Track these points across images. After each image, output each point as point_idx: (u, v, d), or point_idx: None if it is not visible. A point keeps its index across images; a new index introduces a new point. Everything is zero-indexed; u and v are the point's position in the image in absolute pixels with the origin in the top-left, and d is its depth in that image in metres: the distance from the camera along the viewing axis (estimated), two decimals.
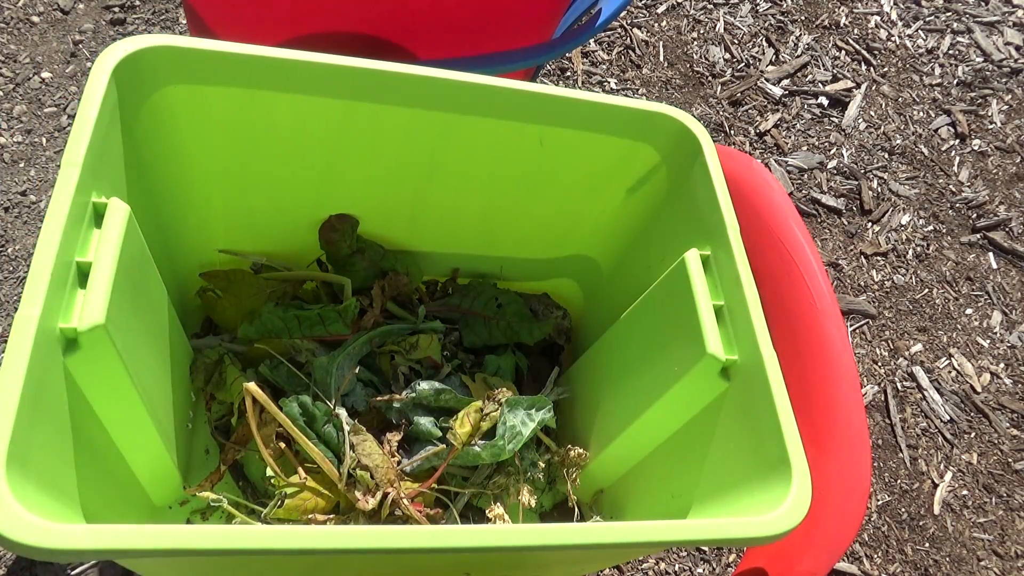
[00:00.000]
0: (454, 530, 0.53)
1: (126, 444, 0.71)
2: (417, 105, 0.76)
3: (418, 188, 0.86)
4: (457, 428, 0.82)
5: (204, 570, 0.64)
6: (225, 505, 0.77)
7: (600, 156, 0.84)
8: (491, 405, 0.86)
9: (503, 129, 0.79)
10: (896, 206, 1.62)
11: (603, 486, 0.91)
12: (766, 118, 1.67)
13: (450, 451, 0.82)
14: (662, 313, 0.79)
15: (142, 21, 1.49)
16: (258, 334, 0.87)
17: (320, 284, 0.94)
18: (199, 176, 0.80)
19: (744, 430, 0.68)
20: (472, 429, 0.82)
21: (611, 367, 0.88)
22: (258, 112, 0.75)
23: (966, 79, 1.85)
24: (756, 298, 0.70)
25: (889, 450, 1.32)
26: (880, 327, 1.46)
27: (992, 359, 1.46)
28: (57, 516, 0.49)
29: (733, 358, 0.70)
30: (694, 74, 1.70)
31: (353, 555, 0.51)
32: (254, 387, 0.77)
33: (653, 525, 0.57)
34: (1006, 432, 1.38)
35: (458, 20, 0.84)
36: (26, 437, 0.49)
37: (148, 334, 0.71)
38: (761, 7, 1.85)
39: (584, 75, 1.64)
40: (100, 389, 0.62)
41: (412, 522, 0.77)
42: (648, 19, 1.77)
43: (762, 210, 0.79)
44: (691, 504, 0.73)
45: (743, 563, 0.71)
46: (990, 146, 1.76)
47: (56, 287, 0.55)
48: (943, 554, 1.24)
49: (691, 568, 1.13)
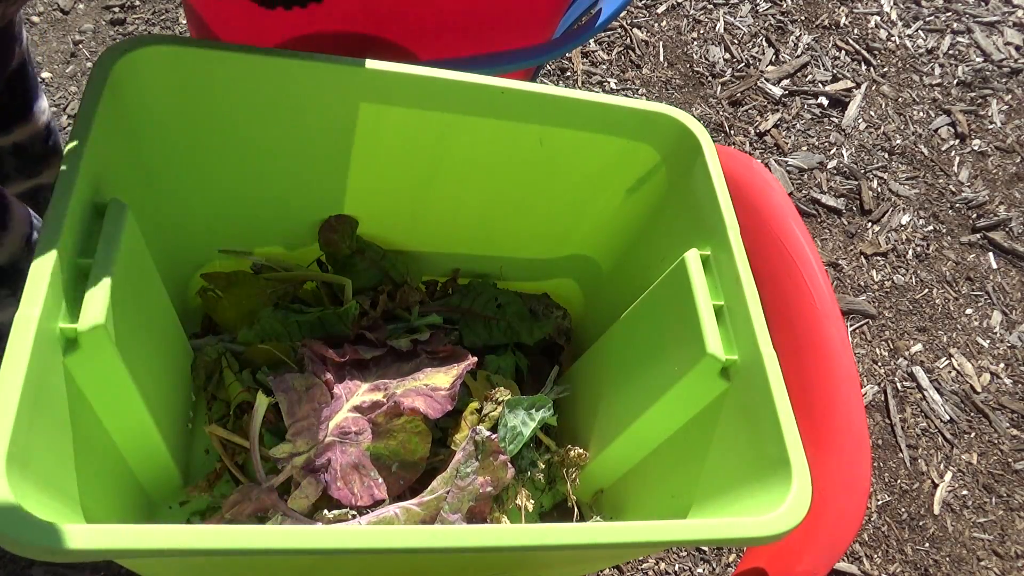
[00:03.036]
0: (454, 530, 0.53)
1: (126, 444, 0.71)
2: (417, 105, 0.76)
3: (418, 188, 0.86)
4: (456, 437, 0.83)
5: (204, 570, 0.64)
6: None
7: (600, 156, 0.84)
8: (490, 405, 0.86)
9: (503, 129, 0.79)
10: (896, 206, 1.62)
11: (603, 486, 0.91)
12: (766, 118, 1.67)
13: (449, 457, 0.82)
14: (662, 313, 0.79)
15: (142, 21, 1.49)
16: (258, 339, 0.87)
17: (320, 284, 0.94)
18: (199, 176, 0.80)
19: (744, 430, 0.68)
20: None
21: (611, 367, 0.88)
22: (258, 112, 0.75)
23: (966, 79, 1.85)
24: (756, 298, 0.70)
25: (889, 450, 1.32)
26: (880, 327, 1.46)
27: (992, 359, 1.46)
28: (57, 516, 0.49)
29: (733, 358, 0.70)
30: (694, 74, 1.70)
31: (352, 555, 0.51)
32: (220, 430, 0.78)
33: (653, 525, 0.57)
34: (1006, 432, 1.38)
35: (458, 20, 0.84)
36: (26, 437, 0.49)
37: (148, 334, 0.71)
38: (761, 7, 1.85)
39: (584, 75, 1.64)
40: (100, 389, 0.62)
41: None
42: (648, 19, 1.77)
43: (762, 210, 0.79)
44: (691, 504, 0.73)
45: (743, 563, 0.71)
46: (990, 146, 1.76)
47: (56, 287, 0.55)
48: (943, 554, 1.24)
49: (691, 568, 1.13)
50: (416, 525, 0.76)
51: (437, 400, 0.82)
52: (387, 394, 0.81)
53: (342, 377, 0.83)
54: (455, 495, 0.77)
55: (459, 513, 0.77)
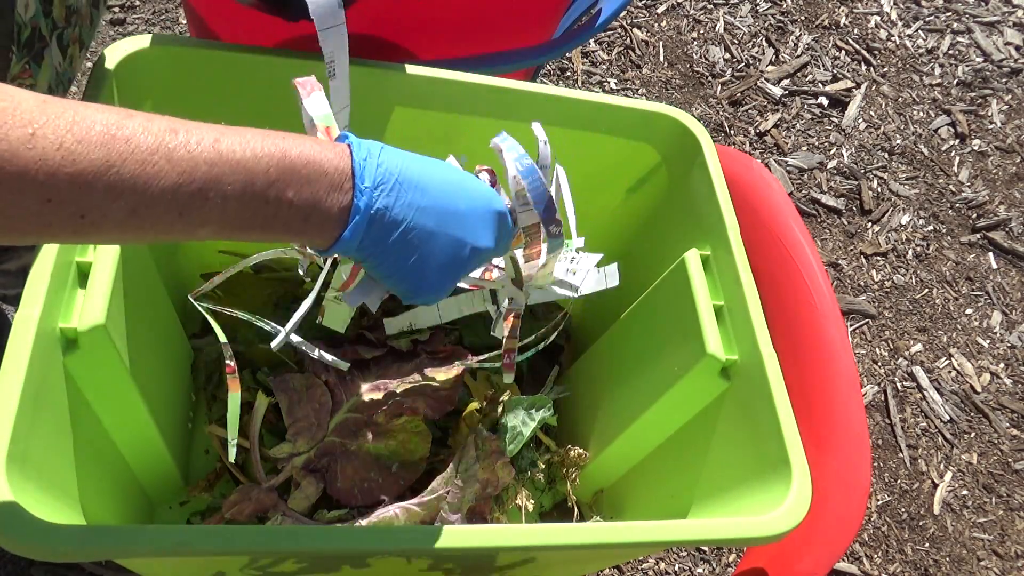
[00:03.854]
0: (454, 530, 0.53)
1: (126, 444, 0.71)
2: (418, 105, 0.76)
3: None
4: (456, 437, 0.83)
5: (204, 570, 0.64)
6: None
7: (600, 156, 0.84)
8: (490, 405, 0.86)
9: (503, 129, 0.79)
10: (896, 206, 1.62)
11: (603, 486, 0.91)
12: (766, 118, 1.68)
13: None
14: (662, 313, 0.79)
15: (142, 21, 1.49)
16: (258, 339, 0.87)
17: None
18: None
19: (744, 430, 0.68)
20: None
21: (611, 367, 0.88)
22: (258, 112, 0.75)
23: (966, 79, 1.85)
24: (756, 298, 0.70)
25: (889, 450, 1.32)
26: (880, 327, 1.46)
27: (992, 359, 1.47)
28: (57, 516, 0.49)
29: (733, 358, 0.70)
30: (694, 74, 1.70)
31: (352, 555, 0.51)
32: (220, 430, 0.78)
33: (653, 525, 0.57)
34: (1006, 432, 1.38)
35: (458, 20, 0.84)
36: (26, 437, 0.49)
37: (148, 334, 0.71)
38: (761, 7, 1.85)
39: (584, 75, 1.64)
40: (100, 389, 0.62)
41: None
42: (648, 19, 1.77)
43: (762, 210, 0.79)
44: (691, 504, 0.73)
45: (743, 563, 0.71)
46: (990, 146, 1.76)
47: (56, 287, 0.55)
48: (943, 554, 1.24)
49: (691, 568, 1.13)
50: (416, 525, 0.76)
51: (437, 400, 0.82)
52: (387, 394, 0.81)
53: (342, 377, 0.83)
54: (455, 495, 0.77)
55: (459, 513, 0.77)
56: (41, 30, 0.56)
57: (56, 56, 0.59)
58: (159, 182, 0.37)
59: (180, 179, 0.37)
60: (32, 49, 0.56)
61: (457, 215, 0.48)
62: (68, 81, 0.63)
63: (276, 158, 0.41)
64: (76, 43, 0.62)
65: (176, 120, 0.39)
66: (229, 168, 0.39)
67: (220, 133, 0.40)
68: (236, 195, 0.39)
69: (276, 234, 0.42)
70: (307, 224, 0.43)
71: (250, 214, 0.40)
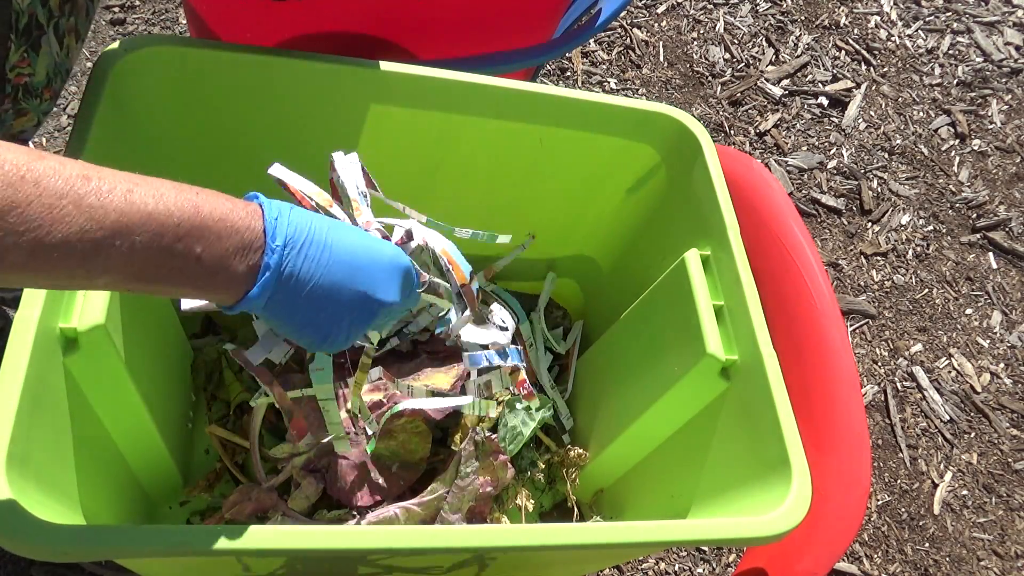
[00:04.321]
0: (454, 530, 0.53)
1: (126, 444, 0.71)
2: (418, 105, 0.76)
3: (419, 187, 0.86)
4: (456, 437, 0.83)
5: (204, 570, 0.64)
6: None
7: (600, 156, 0.84)
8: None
9: (503, 129, 0.79)
10: (896, 206, 1.62)
11: (603, 486, 0.91)
12: (766, 118, 1.67)
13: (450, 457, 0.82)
14: (662, 313, 0.79)
15: (142, 21, 1.49)
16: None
17: None
18: (199, 175, 0.80)
19: (744, 430, 0.68)
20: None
21: (611, 367, 0.88)
22: (258, 112, 0.75)
23: (966, 79, 1.85)
24: (756, 298, 0.70)
25: (889, 450, 1.32)
26: (880, 327, 1.46)
27: (992, 359, 1.46)
28: (57, 516, 0.49)
29: (733, 358, 0.70)
30: (694, 74, 1.70)
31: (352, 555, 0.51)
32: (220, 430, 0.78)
33: (653, 525, 0.57)
34: (1006, 432, 1.38)
35: (458, 20, 0.84)
36: (26, 437, 0.49)
37: (148, 334, 0.71)
38: (761, 7, 1.85)
39: (584, 75, 1.64)
40: (100, 389, 0.62)
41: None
42: (648, 19, 1.77)
43: (762, 210, 0.79)
44: (691, 504, 0.73)
45: (743, 563, 0.71)
46: (990, 146, 1.76)
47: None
48: (943, 554, 1.24)
49: (691, 568, 1.13)
50: (416, 525, 0.76)
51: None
52: (387, 394, 0.81)
53: (342, 377, 0.83)
54: (455, 495, 0.77)
55: (459, 513, 0.77)
56: (38, 18, 0.56)
57: (54, 45, 0.59)
58: (64, 227, 0.36)
59: (87, 225, 0.37)
60: (30, 37, 0.56)
61: (363, 271, 0.49)
62: (65, 72, 0.63)
63: (188, 213, 0.41)
64: (72, 33, 0.62)
65: (91, 166, 0.39)
66: (139, 219, 0.39)
67: (134, 183, 0.40)
68: (143, 246, 0.39)
69: (182, 288, 0.43)
70: (214, 280, 0.43)
71: (155, 266, 0.40)
